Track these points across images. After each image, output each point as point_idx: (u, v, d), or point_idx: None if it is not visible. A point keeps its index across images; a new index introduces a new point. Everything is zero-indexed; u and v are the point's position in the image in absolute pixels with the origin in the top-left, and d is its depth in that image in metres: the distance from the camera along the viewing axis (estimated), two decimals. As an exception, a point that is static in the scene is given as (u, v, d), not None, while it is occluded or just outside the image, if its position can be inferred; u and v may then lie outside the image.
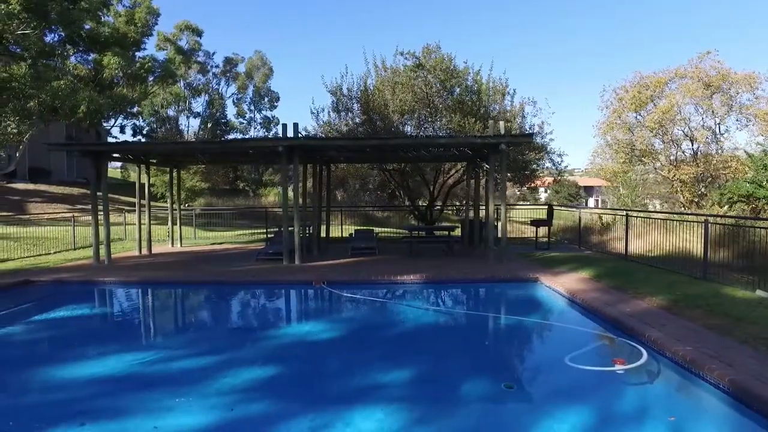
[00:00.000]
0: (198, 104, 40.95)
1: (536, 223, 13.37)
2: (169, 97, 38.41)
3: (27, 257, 12.20)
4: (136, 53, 30.26)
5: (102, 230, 11.03)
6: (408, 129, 15.71)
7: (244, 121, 42.65)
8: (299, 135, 10.24)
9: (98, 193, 11.26)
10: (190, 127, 40.09)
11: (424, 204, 18.48)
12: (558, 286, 7.87)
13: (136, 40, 30.56)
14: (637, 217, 11.17)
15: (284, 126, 10.19)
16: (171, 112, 39.97)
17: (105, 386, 4.49)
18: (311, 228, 12.81)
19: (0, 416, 3.93)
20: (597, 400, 4.23)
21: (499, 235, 10.83)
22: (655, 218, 11.06)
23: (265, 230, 15.71)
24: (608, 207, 27.59)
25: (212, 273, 9.53)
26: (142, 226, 12.96)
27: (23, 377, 4.85)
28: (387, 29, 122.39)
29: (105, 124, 35.11)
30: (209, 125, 40.27)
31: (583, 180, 57.82)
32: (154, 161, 13.48)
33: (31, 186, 27.11)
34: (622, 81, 19.75)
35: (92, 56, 26.82)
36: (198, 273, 9.60)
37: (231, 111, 43.21)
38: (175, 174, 14.33)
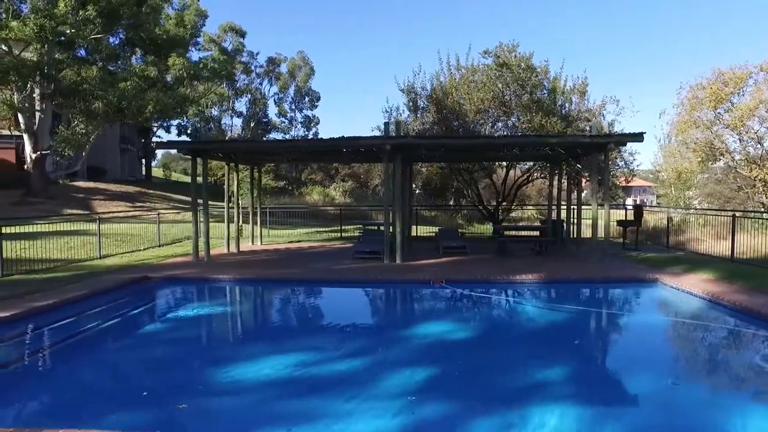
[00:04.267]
0: (240, 104, 41.65)
1: (623, 223, 13.14)
2: (214, 97, 39.07)
3: (123, 254, 12.56)
4: (186, 54, 30.95)
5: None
6: (480, 128, 15.63)
7: (286, 121, 43.15)
8: (401, 135, 10.28)
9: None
10: (234, 126, 40.75)
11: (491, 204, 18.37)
12: (689, 287, 7.71)
13: (186, 42, 31.27)
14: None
15: (386, 125, 10.28)
16: (214, 112, 40.68)
17: (282, 388, 4.44)
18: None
19: (204, 417, 3.92)
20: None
21: (601, 235, 10.67)
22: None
23: (339, 228, 15.86)
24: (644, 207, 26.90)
25: (323, 271, 9.64)
26: (230, 225, 13.20)
27: (197, 377, 4.86)
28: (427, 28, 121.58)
29: (154, 125, 36.04)
30: (252, 125, 40.85)
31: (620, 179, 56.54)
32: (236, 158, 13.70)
33: (91, 184, 27.98)
34: (698, 78, 19.40)
35: (150, 58, 27.46)
36: (308, 271, 9.70)
37: (272, 110, 43.77)
38: (255, 173, 14.55)
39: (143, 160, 42.94)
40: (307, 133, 43.65)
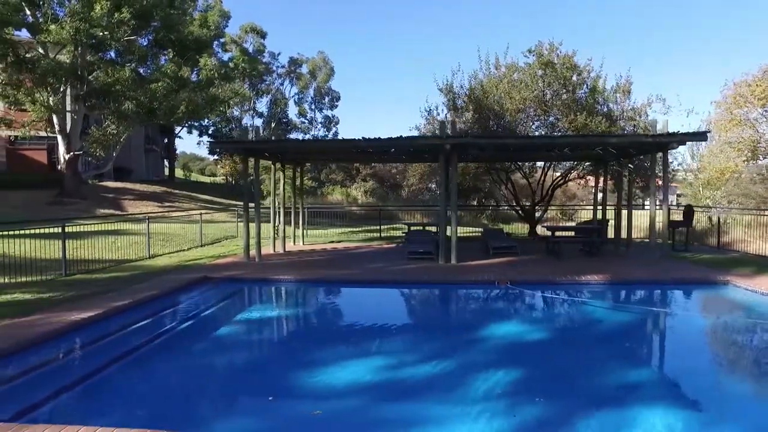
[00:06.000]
0: (261, 104, 41.82)
1: (673, 224, 12.91)
2: (236, 98, 39.24)
3: (170, 253, 12.60)
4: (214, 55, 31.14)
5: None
6: (518, 127, 15.48)
7: (306, 121, 43.24)
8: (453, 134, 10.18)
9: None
10: (254, 127, 40.93)
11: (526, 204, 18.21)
12: (768, 290, 7.53)
13: (211, 42, 31.46)
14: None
15: (442, 124, 10.19)
16: (235, 112, 40.87)
17: (377, 392, 4.35)
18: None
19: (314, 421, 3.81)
20: None
21: (658, 236, 10.51)
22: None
23: (377, 228, 15.82)
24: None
25: (383, 272, 9.58)
26: (278, 225, 13.21)
27: (291, 382, 4.72)
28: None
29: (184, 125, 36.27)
30: (273, 125, 41.00)
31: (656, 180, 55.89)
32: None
33: (119, 184, 28.23)
34: (744, 75, 19.00)
35: (175, 59, 27.61)
36: (368, 272, 9.63)
37: (292, 111, 43.87)
38: (296, 173, 14.56)
39: (165, 161, 43.29)
40: (327, 133, 43.74)
